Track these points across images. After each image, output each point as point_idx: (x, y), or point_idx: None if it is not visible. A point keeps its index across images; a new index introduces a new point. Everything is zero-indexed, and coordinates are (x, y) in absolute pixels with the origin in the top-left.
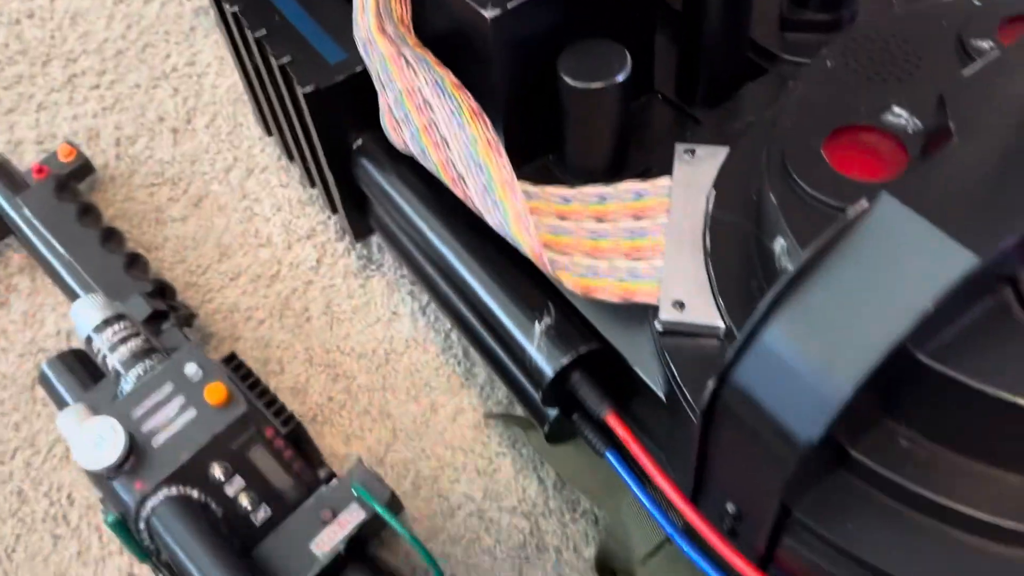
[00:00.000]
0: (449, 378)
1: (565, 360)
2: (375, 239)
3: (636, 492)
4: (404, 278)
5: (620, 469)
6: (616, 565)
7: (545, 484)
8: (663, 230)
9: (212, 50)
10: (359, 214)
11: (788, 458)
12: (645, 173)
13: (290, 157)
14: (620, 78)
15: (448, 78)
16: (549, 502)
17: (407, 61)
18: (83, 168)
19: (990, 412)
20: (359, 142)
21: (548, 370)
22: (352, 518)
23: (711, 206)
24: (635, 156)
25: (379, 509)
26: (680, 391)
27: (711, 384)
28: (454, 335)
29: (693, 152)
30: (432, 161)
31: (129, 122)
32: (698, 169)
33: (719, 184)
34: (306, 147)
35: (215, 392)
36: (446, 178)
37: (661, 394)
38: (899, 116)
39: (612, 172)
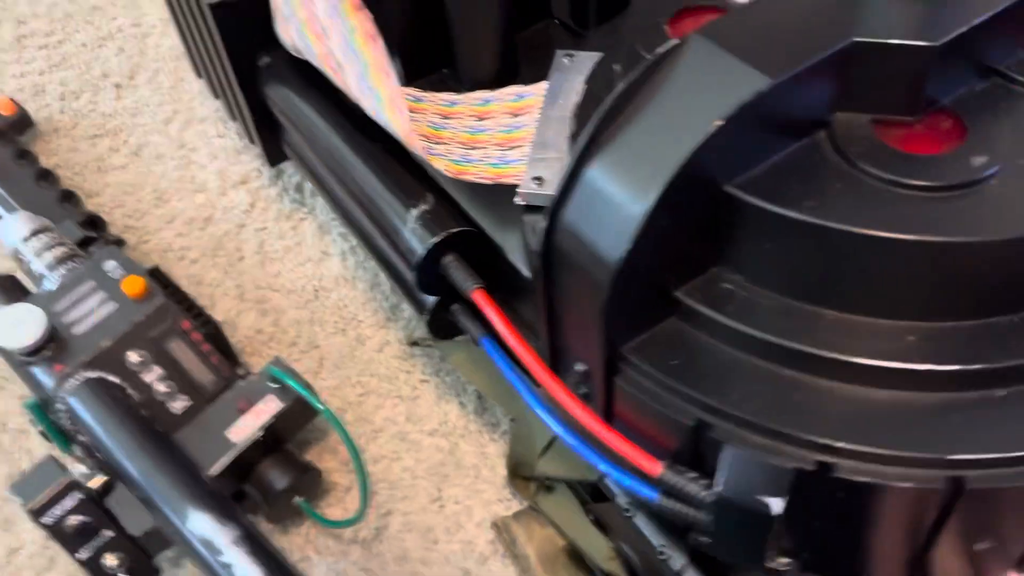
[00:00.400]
0: (376, 312)
1: (435, 239)
2: (308, 186)
3: (508, 375)
4: (335, 220)
5: (494, 355)
6: (524, 471)
7: (466, 408)
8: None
9: (157, 12)
10: (272, 137)
11: (604, 282)
12: None
13: (215, 94)
14: None
15: None
16: (469, 425)
17: None
18: (22, 120)
19: (794, 239)
20: (267, 60)
21: (419, 249)
22: (269, 407)
23: (581, 97)
24: (528, 74)
25: (298, 388)
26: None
27: (542, 224)
28: (382, 274)
29: (572, 56)
30: (314, 52)
31: (74, 79)
32: (574, 70)
33: (590, 79)
34: (220, 70)
35: (133, 284)
36: (327, 68)
37: (526, 272)
38: None
39: (503, 84)
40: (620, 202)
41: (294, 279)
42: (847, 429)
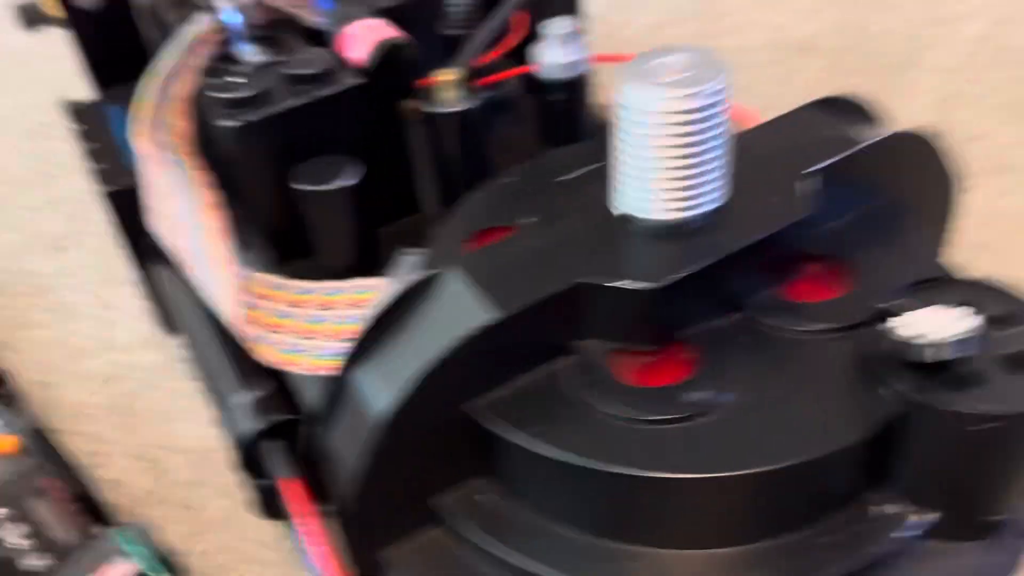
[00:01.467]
0: None
1: (257, 426)
2: None
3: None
4: None
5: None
6: None
7: None
8: None
9: None
10: (167, 311)
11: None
12: None
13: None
14: (339, 184)
15: (196, 177)
16: None
17: (157, 159)
18: None
19: (520, 461)
20: None
21: (245, 433)
22: (118, 571)
23: None
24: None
25: (138, 559)
26: None
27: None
28: None
29: (408, 255)
30: (169, 243)
31: (19, 240)
32: (407, 268)
33: None
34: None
35: (4, 443)
36: (179, 259)
37: None
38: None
39: (359, 275)
40: (364, 412)
41: (190, 439)
42: None
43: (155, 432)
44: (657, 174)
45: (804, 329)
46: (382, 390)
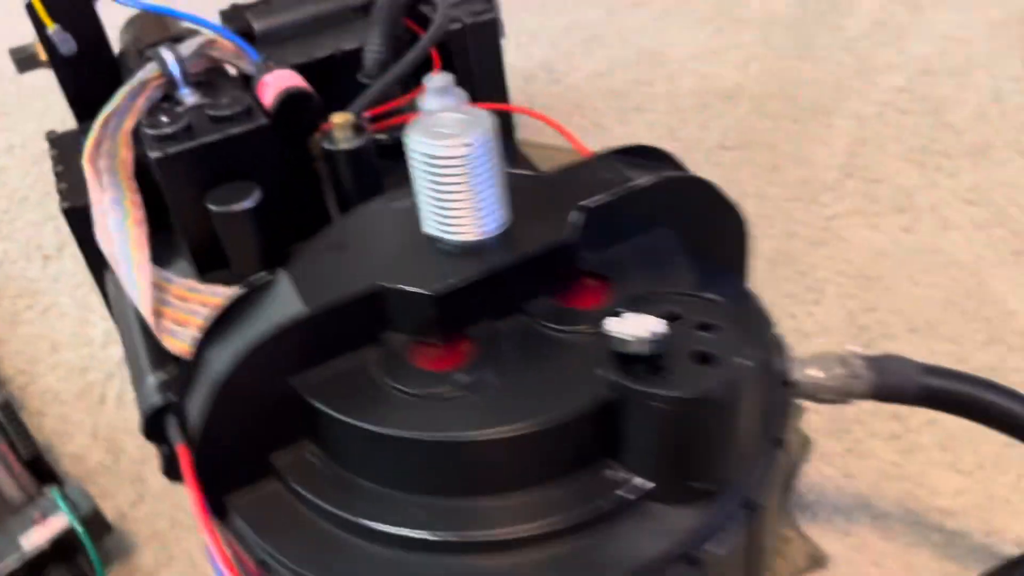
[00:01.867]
0: None
1: (157, 402)
2: None
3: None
4: None
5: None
6: None
7: None
8: None
9: None
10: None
11: (195, 436)
12: None
13: None
14: (242, 206)
15: (129, 197)
16: None
17: (100, 183)
18: None
19: (328, 424)
20: None
21: (146, 407)
22: (58, 522)
23: None
24: None
25: (69, 515)
26: None
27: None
28: None
29: None
30: (106, 251)
31: (14, 249)
32: None
33: None
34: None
35: None
36: (112, 262)
37: None
38: None
39: None
40: (207, 379)
41: None
42: None
43: (115, 415)
44: (436, 204)
45: (565, 329)
46: (220, 362)
